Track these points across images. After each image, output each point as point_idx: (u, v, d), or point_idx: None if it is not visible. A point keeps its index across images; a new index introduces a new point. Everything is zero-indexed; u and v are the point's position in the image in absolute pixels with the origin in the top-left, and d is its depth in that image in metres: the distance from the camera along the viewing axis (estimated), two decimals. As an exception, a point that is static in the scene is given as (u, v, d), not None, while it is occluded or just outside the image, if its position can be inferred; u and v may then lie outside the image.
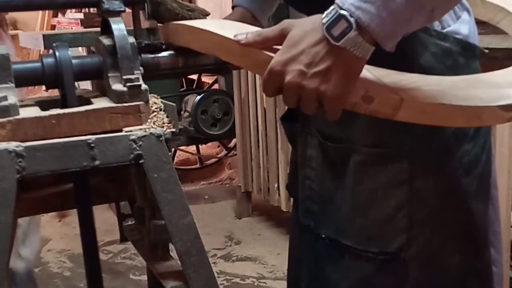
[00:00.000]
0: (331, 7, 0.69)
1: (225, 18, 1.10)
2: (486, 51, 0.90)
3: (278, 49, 0.73)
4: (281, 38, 0.72)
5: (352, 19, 0.67)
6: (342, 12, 0.67)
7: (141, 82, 0.90)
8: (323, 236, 0.94)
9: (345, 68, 0.69)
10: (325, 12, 0.69)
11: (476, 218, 0.90)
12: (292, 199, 1.13)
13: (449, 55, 0.85)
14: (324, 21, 0.68)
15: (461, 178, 0.88)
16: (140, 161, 0.85)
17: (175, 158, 4.12)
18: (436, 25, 0.85)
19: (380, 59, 0.71)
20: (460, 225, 0.89)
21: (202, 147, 4.20)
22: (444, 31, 0.85)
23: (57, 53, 0.90)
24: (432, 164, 0.75)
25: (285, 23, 0.73)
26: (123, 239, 1.15)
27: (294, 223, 1.12)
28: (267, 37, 0.74)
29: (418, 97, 0.70)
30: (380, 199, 0.88)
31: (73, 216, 2.87)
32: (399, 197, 0.87)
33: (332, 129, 0.91)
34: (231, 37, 0.77)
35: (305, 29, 0.71)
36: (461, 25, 0.87)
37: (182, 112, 3.06)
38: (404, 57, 0.76)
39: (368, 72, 0.72)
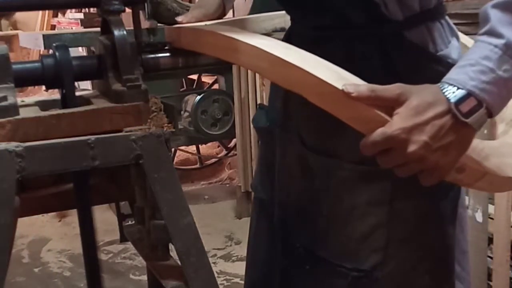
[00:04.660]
0: (448, 85, 0.69)
1: (199, 3, 1.05)
2: None
3: (389, 110, 0.70)
4: (397, 102, 0.70)
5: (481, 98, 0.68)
6: (471, 90, 0.68)
7: (141, 82, 0.90)
8: (298, 245, 0.94)
9: (463, 143, 0.71)
10: (445, 87, 0.70)
11: (448, 241, 0.91)
12: (263, 199, 1.08)
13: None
14: (450, 96, 0.69)
15: (439, 201, 0.89)
16: (140, 161, 0.85)
17: (175, 158, 4.12)
18: (431, 48, 0.86)
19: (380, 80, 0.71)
20: (434, 248, 0.90)
21: (202, 147, 4.19)
22: (437, 54, 0.86)
23: (57, 53, 0.90)
24: (414, 186, 0.75)
25: (402, 87, 0.71)
26: (123, 239, 1.15)
27: (258, 226, 1.10)
28: (382, 96, 0.70)
29: (495, 171, 0.75)
30: (359, 217, 0.88)
31: (73, 216, 2.87)
32: (379, 216, 0.87)
33: (314, 138, 0.90)
34: (336, 84, 0.70)
35: (427, 99, 0.69)
36: (451, 50, 0.88)
37: (182, 112, 3.06)
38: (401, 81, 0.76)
39: None
